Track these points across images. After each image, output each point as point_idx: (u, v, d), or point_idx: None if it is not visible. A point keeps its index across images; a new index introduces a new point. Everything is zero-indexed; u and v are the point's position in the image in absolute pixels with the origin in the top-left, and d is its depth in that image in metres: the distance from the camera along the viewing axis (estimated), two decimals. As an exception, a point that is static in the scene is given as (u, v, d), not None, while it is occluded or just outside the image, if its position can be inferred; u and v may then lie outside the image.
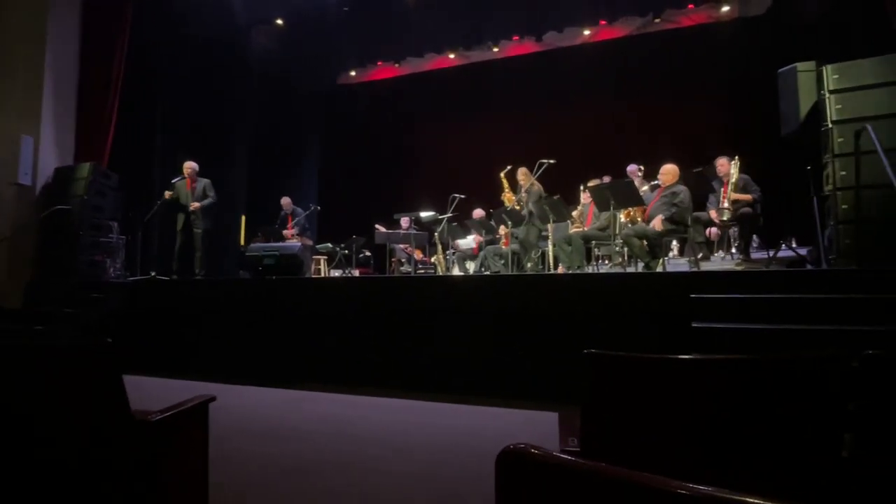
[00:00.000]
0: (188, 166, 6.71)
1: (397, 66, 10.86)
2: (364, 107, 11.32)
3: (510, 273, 5.89)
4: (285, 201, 8.31)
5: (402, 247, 7.98)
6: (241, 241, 9.43)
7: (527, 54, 10.14)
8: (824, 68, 4.27)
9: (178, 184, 6.65)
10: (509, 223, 6.16)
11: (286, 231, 7.95)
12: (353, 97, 11.53)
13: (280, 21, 9.47)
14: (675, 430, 1.11)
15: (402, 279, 5.55)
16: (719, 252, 6.76)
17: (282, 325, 4.97)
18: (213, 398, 1.77)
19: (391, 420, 3.51)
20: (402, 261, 8.04)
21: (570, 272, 5.35)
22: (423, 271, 7.83)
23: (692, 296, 3.60)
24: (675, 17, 9.11)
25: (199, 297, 5.60)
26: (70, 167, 6.52)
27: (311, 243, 8.28)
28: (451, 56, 10.46)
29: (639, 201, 5.17)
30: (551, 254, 6.03)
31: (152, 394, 3.98)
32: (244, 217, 9.82)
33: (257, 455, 2.76)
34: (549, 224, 5.94)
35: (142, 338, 5.22)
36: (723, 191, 5.47)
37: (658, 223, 4.84)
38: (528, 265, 6.17)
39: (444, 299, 4.52)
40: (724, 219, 5.39)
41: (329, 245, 8.43)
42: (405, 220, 7.93)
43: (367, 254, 8.76)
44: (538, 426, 3.30)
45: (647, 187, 6.07)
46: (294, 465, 2.62)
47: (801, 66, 4.57)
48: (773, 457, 1.04)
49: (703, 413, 1.10)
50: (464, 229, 7.48)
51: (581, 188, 6.59)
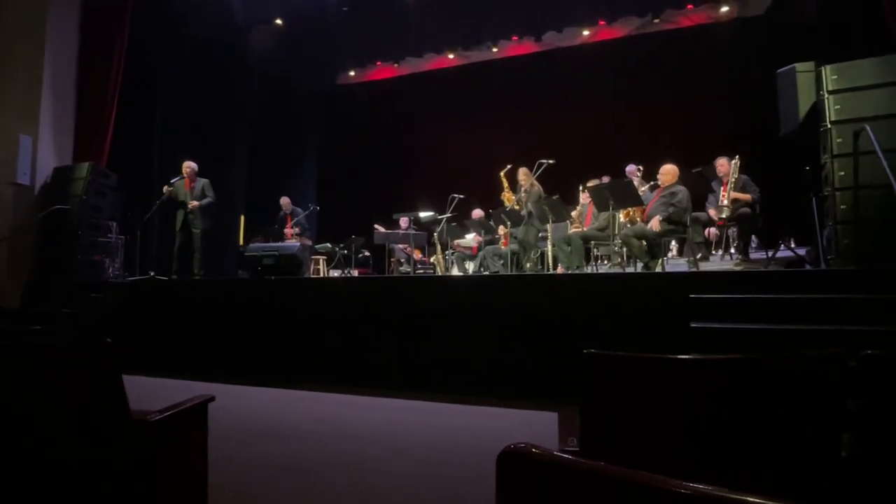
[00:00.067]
0: (187, 166, 6.71)
1: (397, 66, 10.86)
2: (363, 107, 11.32)
3: (509, 273, 5.89)
4: (284, 201, 8.32)
5: (401, 247, 7.97)
6: (241, 241, 9.42)
7: (526, 54, 10.14)
8: (823, 69, 4.27)
9: (177, 183, 6.65)
10: (508, 223, 6.16)
11: (286, 231, 7.95)
12: (352, 97, 11.52)
13: (280, 21, 9.46)
14: (674, 430, 1.12)
15: (401, 279, 5.55)
16: (718, 251, 6.76)
17: (281, 325, 4.97)
18: (213, 398, 1.77)
19: (391, 420, 3.51)
20: (402, 261, 8.04)
21: (569, 272, 5.35)
22: (422, 271, 7.83)
23: (691, 296, 3.61)
24: (675, 18, 9.11)
25: (199, 297, 5.60)
26: (69, 167, 6.51)
27: (310, 243, 8.28)
28: (451, 56, 10.46)
29: (638, 201, 5.17)
30: (550, 254, 6.03)
31: (151, 394, 3.98)
32: (243, 217, 9.82)
33: (257, 455, 2.76)
34: (548, 224, 5.95)
35: (141, 338, 5.22)
36: (722, 189, 5.48)
37: (655, 224, 4.84)
38: (528, 265, 6.17)
39: (445, 299, 4.52)
40: (723, 215, 5.40)
41: (328, 245, 8.43)
42: (404, 220, 7.93)
43: (367, 254, 8.76)
44: (538, 426, 3.31)
45: (646, 187, 6.08)
46: (294, 465, 2.62)
47: (800, 66, 4.57)
48: (772, 456, 1.05)
49: (702, 413, 1.10)
50: (463, 229, 7.48)
51: (580, 188, 6.60)
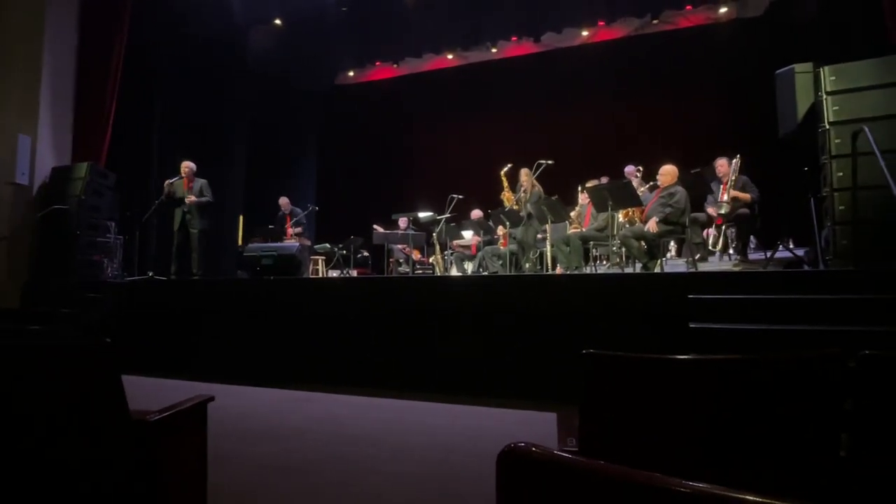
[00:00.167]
0: (185, 166, 6.71)
1: (396, 66, 10.86)
2: (362, 107, 11.32)
3: (508, 274, 5.90)
4: (283, 201, 8.31)
5: (400, 247, 7.97)
6: (240, 241, 9.42)
7: (525, 55, 10.15)
8: (822, 70, 4.28)
9: (176, 183, 6.65)
10: (507, 224, 6.17)
11: (287, 231, 7.95)
12: (351, 97, 11.52)
13: (279, 21, 9.44)
14: (673, 430, 1.12)
15: (400, 280, 5.55)
16: (717, 251, 6.76)
17: (280, 325, 4.97)
18: (212, 398, 1.77)
19: (390, 420, 3.50)
20: (400, 261, 8.04)
21: (568, 273, 5.36)
22: (421, 272, 7.82)
23: (690, 296, 3.61)
24: (673, 18, 9.13)
25: (198, 297, 5.59)
26: (67, 167, 6.50)
27: (309, 243, 8.27)
28: (450, 56, 10.46)
29: (636, 202, 5.18)
30: (549, 254, 6.03)
31: (151, 394, 3.98)
32: (242, 217, 9.82)
33: (257, 455, 2.76)
34: (547, 224, 5.95)
35: (140, 338, 5.21)
36: (722, 188, 5.49)
37: (653, 224, 4.85)
38: (527, 266, 6.17)
39: (444, 300, 4.52)
40: (722, 211, 5.41)
41: (327, 245, 8.42)
42: (403, 221, 7.93)
43: (365, 254, 8.75)
44: (537, 426, 3.31)
45: (645, 188, 6.09)
46: (294, 465, 2.62)
47: (798, 67, 4.58)
48: (771, 456, 1.05)
49: (701, 413, 1.11)
50: (461, 229, 7.49)
51: (579, 189, 6.60)
